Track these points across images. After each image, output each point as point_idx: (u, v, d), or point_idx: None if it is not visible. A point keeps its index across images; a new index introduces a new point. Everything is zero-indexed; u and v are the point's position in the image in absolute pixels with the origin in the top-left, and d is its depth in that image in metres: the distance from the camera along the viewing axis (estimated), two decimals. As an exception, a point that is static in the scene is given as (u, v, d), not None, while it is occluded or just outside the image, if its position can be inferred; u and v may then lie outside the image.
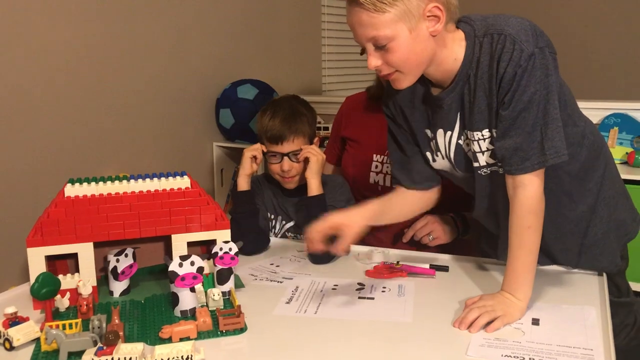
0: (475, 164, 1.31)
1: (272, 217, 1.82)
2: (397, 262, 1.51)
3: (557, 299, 1.32)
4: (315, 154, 1.65)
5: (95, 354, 1.02)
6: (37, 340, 1.13)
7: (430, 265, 1.50)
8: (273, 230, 1.81)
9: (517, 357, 1.07)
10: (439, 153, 1.37)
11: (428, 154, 1.40)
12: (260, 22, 3.06)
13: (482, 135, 1.27)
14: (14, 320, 1.15)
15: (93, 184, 1.36)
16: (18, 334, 1.12)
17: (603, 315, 1.24)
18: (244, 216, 1.68)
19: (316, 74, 3.57)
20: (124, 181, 1.39)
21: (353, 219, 1.30)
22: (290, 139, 1.67)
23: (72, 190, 1.34)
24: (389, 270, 1.49)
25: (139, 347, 1.05)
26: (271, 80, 2.86)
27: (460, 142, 1.32)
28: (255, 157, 1.70)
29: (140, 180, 1.40)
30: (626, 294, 1.54)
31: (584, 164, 1.35)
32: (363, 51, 1.23)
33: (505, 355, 1.08)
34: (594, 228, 1.40)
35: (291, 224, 1.80)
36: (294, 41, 3.33)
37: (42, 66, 2.11)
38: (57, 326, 1.12)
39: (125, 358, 1.01)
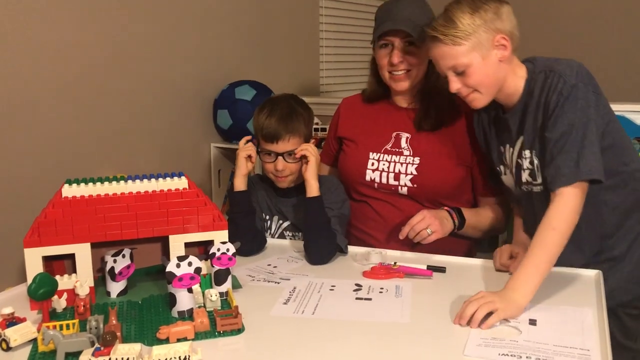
0: (527, 180, 1.50)
1: (267, 217, 1.82)
2: (395, 263, 1.52)
3: (555, 299, 1.33)
4: (313, 154, 1.65)
5: (93, 355, 1.02)
6: (34, 340, 1.13)
7: (428, 266, 1.51)
8: (269, 230, 1.81)
9: (514, 356, 1.07)
10: (507, 168, 1.57)
11: (501, 168, 1.60)
12: (259, 23, 3.07)
13: (525, 155, 1.47)
14: (11, 321, 1.15)
15: (90, 184, 1.36)
16: (15, 334, 1.12)
17: (600, 316, 1.24)
18: (241, 216, 1.68)
19: (314, 74, 3.57)
20: (122, 182, 1.39)
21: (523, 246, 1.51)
22: (285, 138, 1.66)
23: (70, 191, 1.34)
24: (386, 271, 1.49)
25: (136, 347, 1.05)
26: (269, 81, 2.86)
27: (520, 160, 1.50)
28: (250, 157, 1.70)
29: (137, 181, 1.40)
30: (634, 340, 1.53)
31: (631, 203, 1.48)
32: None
33: (503, 354, 1.08)
34: (624, 263, 1.50)
35: (288, 223, 1.80)
36: (292, 42, 3.33)
37: (39, 67, 2.11)
38: (55, 327, 1.12)
39: (122, 358, 1.01)
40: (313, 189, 1.63)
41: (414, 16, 1.68)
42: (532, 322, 1.22)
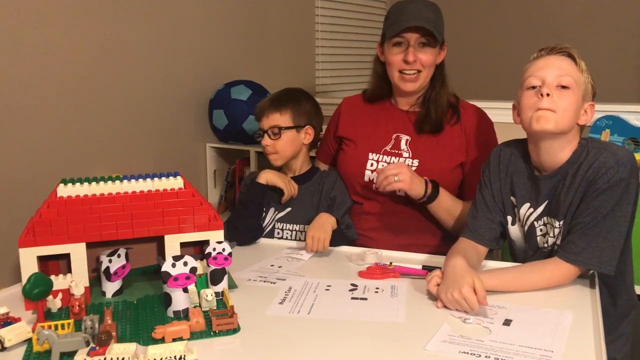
0: (544, 245, 1.52)
1: (264, 210, 1.86)
2: (390, 263, 1.52)
3: (540, 301, 1.33)
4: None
5: (88, 354, 1.02)
6: (29, 340, 1.13)
7: (423, 266, 1.51)
8: (262, 222, 1.85)
9: (474, 354, 1.08)
10: (518, 222, 1.56)
11: (509, 218, 1.58)
12: (254, 23, 3.07)
13: (558, 225, 1.46)
14: (6, 321, 1.15)
15: (86, 184, 1.36)
16: (10, 334, 1.12)
17: (595, 324, 1.23)
18: (253, 205, 1.78)
19: (310, 74, 3.57)
20: (117, 181, 1.38)
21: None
22: (266, 115, 1.81)
23: (65, 191, 1.34)
24: (382, 271, 1.49)
25: (131, 347, 1.05)
26: (265, 81, 2.86)
27: (535, 223, 1.51)
28: (289, 188, 1.81)
29: (133, 181, 1.39)
30: None
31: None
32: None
33: (463, 352, 1.09)
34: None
35: (282, 213, 1.84)
36: (288, 42, 3.33)
37: (34, 67, 2.11)
38: (50, 326, 1.12)
39: (117, 358, 1.01)
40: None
41: (429, 19, 1.69)
42: (507, 322, 1.22)
